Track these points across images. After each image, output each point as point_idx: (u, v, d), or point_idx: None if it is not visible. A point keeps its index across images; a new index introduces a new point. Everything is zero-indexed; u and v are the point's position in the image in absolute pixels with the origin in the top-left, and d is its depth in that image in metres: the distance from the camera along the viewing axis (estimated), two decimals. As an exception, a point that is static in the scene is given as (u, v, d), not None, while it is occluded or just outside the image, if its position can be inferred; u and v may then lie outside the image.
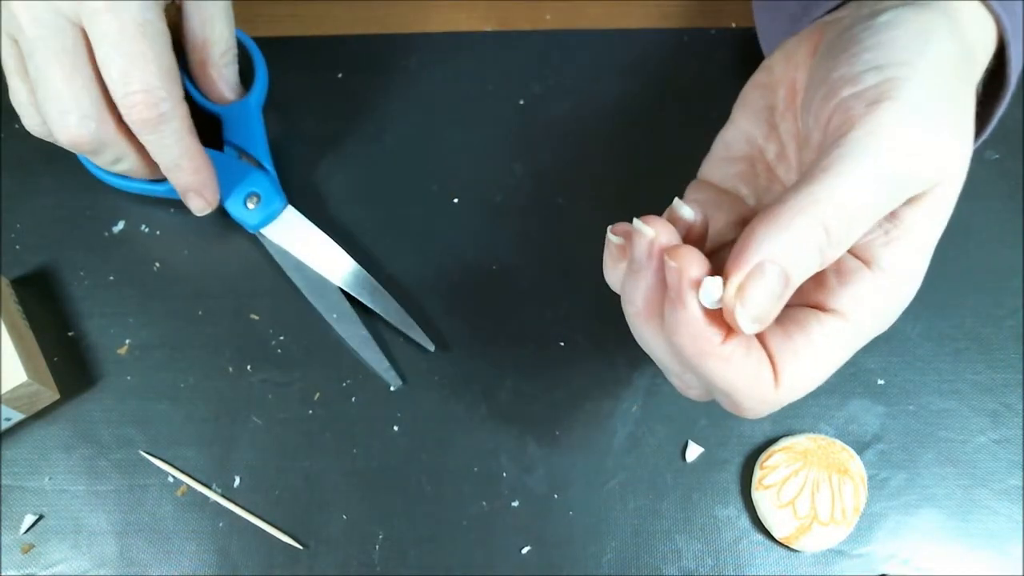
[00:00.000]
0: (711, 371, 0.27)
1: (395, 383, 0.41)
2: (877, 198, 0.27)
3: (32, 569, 0.39)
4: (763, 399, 0.28)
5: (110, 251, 0.44)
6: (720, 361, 0.27)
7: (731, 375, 0.27)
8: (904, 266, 0.29)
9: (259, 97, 0.45)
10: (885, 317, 0.30)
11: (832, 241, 0.26)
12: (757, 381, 0.27)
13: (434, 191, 0.45)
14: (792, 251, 0.26)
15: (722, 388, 0.28)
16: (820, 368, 0.29)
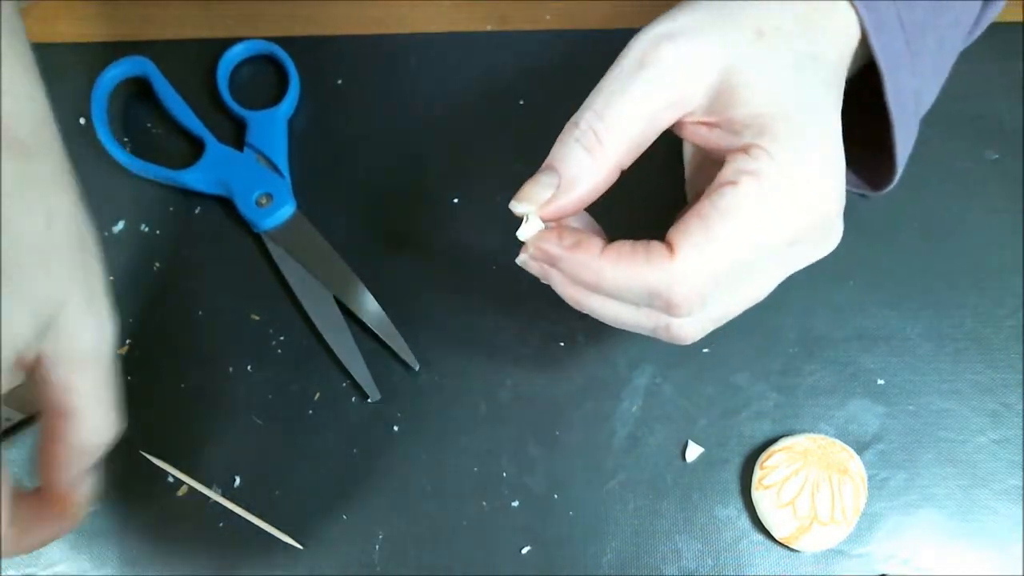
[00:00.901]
0: (613, 284, 0.30)
1: (374, 395, 0.41)
2: (611, 85, 0.30)
3: (32, 569, 0.39)
4: (670, 278, 0.29)
5: (110, 251, 0.44)
6: (611, 269, 0.30)
7: (626, 274, 0.30)
8: (769, 135, 0.29)
9: (288, 108, 0.46)
10: (782, 184, 0.29)
11: (583, 128, 0.31)
12: (650, 265, 0.29)
13: (434, 191, 0.45)
14: (555, 150, 0.31)
15: (631, 297, 0.30)
16: (713, 227, 0.29)
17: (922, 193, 0.45)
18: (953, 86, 0.47)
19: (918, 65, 0.36)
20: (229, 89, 0.46)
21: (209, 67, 0.47)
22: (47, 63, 0.47)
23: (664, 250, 0.29)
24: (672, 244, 0.29)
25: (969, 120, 0.47)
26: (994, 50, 0.48)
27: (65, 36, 0.49)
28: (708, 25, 0.30)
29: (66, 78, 0.47)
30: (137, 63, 0.45)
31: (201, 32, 0.49)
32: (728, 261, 0.29)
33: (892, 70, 0.34)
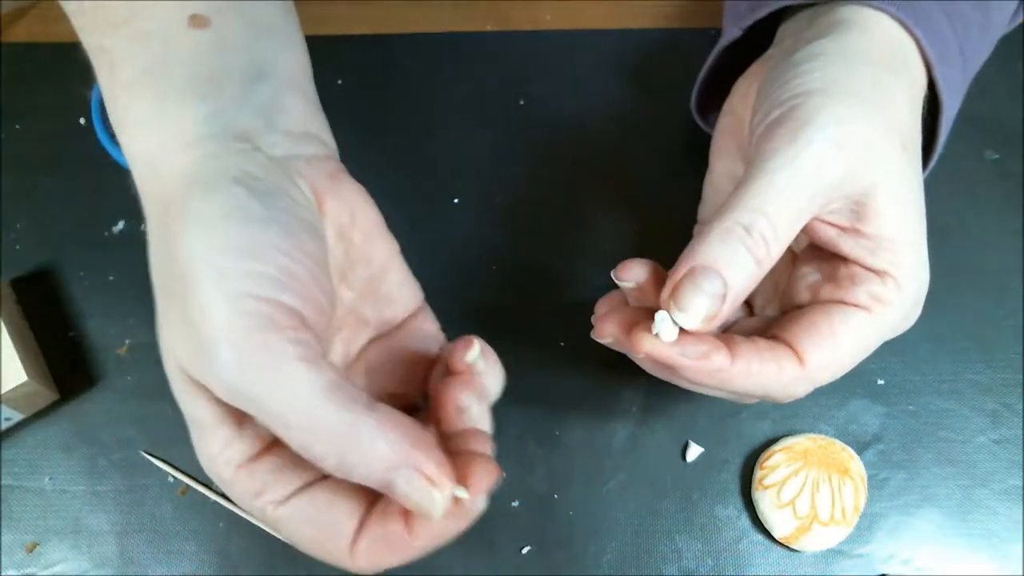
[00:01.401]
0: (741, 387, 0.30)
1: None
2: (790, 194, 0.29)
3: (32, 569, 0.39)
4: (794, 382, 0.30)
5: (110, 251, 0.44)
6: (742, 377, 0.30)
7: (755, 380, 0.30)
8: (901, 266, 0.31)
9: None
10: (900, 309, 0.31)
11: (756, 238, 0.28)
12: (780, 372, 0.30)
13: (434, 191, 0.45)
14: (718, 251, 0.28)
15: (756, 392, 0.31)
16: (842, 346, 0.31)
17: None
18: (953, 86, 0.47)
19: (965, 83, 0.37)
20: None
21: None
22: (47, 63, 0.48)
23: (793, 358, 0.30)
24: (799, 352, 0.30)
25: (969, 120, 0.47)
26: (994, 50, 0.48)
27: (65, 36, 0.48)
28: (874, 132, 0.30)
29: (66, 78, 0.47)
30: (137, 63, 0.45)
31: (201, 32, 0.49)
32: (846, 366, 0.31)
33: (951, 96, 0.35)
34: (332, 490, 0.27)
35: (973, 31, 0.36)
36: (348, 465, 0.24)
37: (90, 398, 0.41)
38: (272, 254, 0.25)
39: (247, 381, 0.23)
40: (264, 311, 0.24)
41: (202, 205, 0.25)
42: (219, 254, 0.24)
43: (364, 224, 0.30)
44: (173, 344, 0.26)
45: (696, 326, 0.28)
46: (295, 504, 0.26)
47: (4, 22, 0.49)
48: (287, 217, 0.26)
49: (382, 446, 0.24)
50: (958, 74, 0.35)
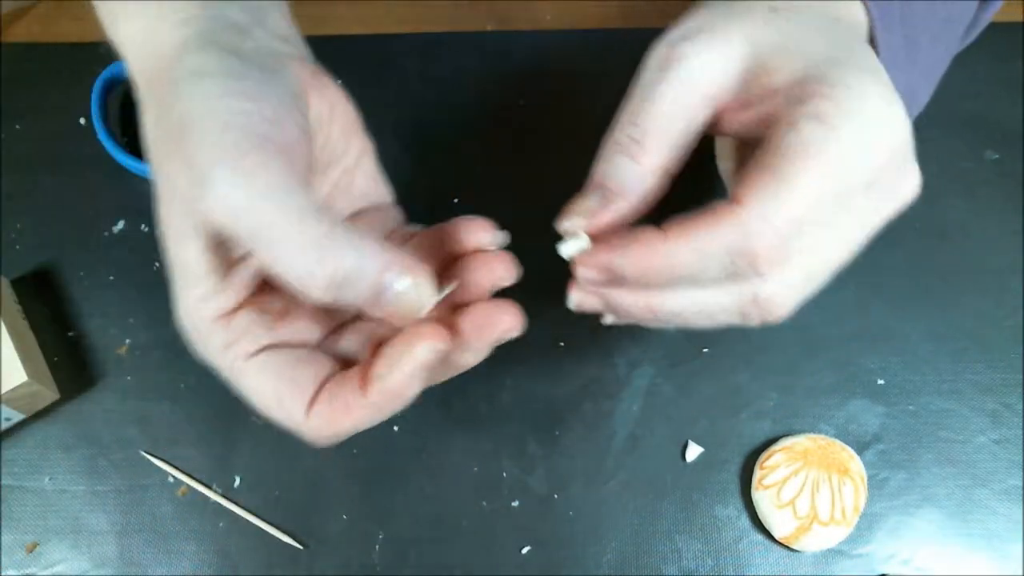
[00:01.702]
0: (687, 265, 0.27)
1: None
2: (649, 91, 0.30)
3: (32, 569, 0.39)
4: (743, 234, 0.27)
5: (110, 251, 0.44)
6: (683, 249, 0.27)
7: (698, 247, 0.27)
8: (834, 85, 0.27)
9: None
10: (855, 129, 0.27)
11: (625, 142, 0.29)
12: (717, 222, 0.27)
13: (434, 191, 0.45)
14: (600, 168, 0.29)
15: (711, 270, 0.27)
16: (786, 169, 0.26)
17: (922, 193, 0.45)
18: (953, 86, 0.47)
19: (912, 62, 0.36)
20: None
21: (209, 67, 0.47)
22: (47, 63, 0.48)
23: (731, 205, 0.27)
24: (739, 197, 0.27)
25: (969, 120, 0.47)
26: (994, 50, 0.48)
27: (65, 36, 0.49)
28: (722, 18, 0.30)
29: (66, 78, 0.47)
30: (137, 63, 0.45)
31: (201, 32, 0.49)
32: (803, 203, 0.27)
33: (889, 66, 0.34)
34: (298, 354, 0.28)
35: (917, 7, 0.35)
36: (340, 279, 0.24)
37: (90, 398, 0.41)
38: (264, 105, 0.26)
39: (243, 198, 0.24)
40: (257, 140, 0.25)
41: (196, 59, 0.26)
42: (215, 96, 0.25)
43: (342, 120, 0.32)
44: (174, 183, 0.26)
45: (577, 226, 0.30)
46: (263, 357, 0.27)
47: (4, 22, 0.49)
48: (277, 88, 0.27)
49: (376, 251, 0.25)
50: (900, 42, 0.34)
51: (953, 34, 0.39)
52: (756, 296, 0.28)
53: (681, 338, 0.42)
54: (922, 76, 0.38)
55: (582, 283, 0.30)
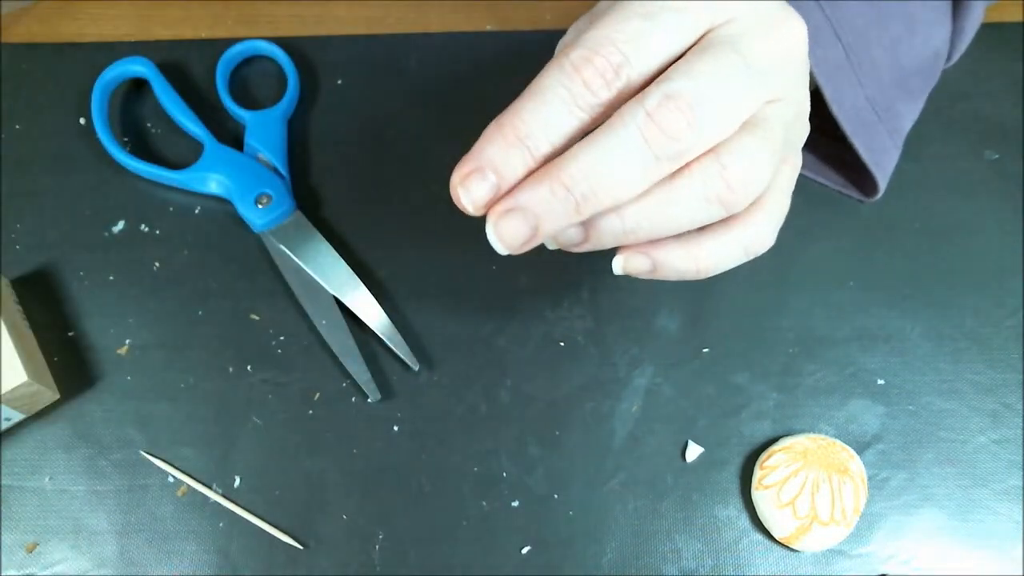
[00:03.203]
0: (543, 91, 0.26)
1: (374, 396, 0.41)
2: None
3: (32, 569, 0.39)
4: (594, 32, 0.26)
5: (110, 251, 0.44)
6: (523, 99, 0.26)
7: (543, 79, 0.26)
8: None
9: (288, 108, 0.46)
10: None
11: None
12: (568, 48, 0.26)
13: (434, 191, 0.45)
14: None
15: (552, 92, 0.26)
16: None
17: (922, 193, 0.45)
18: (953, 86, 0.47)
19: (867, 75, 0.37)
20: (228, 89, 0.46)
21: (209, 67, 0.47)
22: (47, 63, 0.48)
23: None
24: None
25: (969, 120, 0.47)
26: (994, 50, 0.48)
27: (65, 36, 0.49)
28: None
29: (66, 78, 0.47)
30: (137, 63, 0.45)
31: (201, 32, 0.49)
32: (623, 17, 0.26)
33: (830, 79, 0.35)
34: None
35: (856, 22, 0.36)
36: None
37: (90, 398, 0.41)
38: None
39: None
40: None
41: None
42: None
43: None
44: None
45: None
46: None
47: (4, 22, 0.49)
48: None
49: None
50: (839, 56, 0.35)
51: (920, 46, 0.39)
52: (648, 109, 0.25)
53: (681, 338, 0.43)
54: (891, 88, 0.38)
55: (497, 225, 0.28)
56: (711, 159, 0.26)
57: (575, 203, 0.26)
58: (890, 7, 0.37)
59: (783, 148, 0.28)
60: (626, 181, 0.26)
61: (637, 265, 0.30)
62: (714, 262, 0.30)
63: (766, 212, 0.30)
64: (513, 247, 0.28)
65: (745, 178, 0.27)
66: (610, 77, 0.26)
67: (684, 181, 0.27)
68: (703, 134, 0.26)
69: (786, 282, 0.44)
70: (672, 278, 0.30)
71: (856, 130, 0.38)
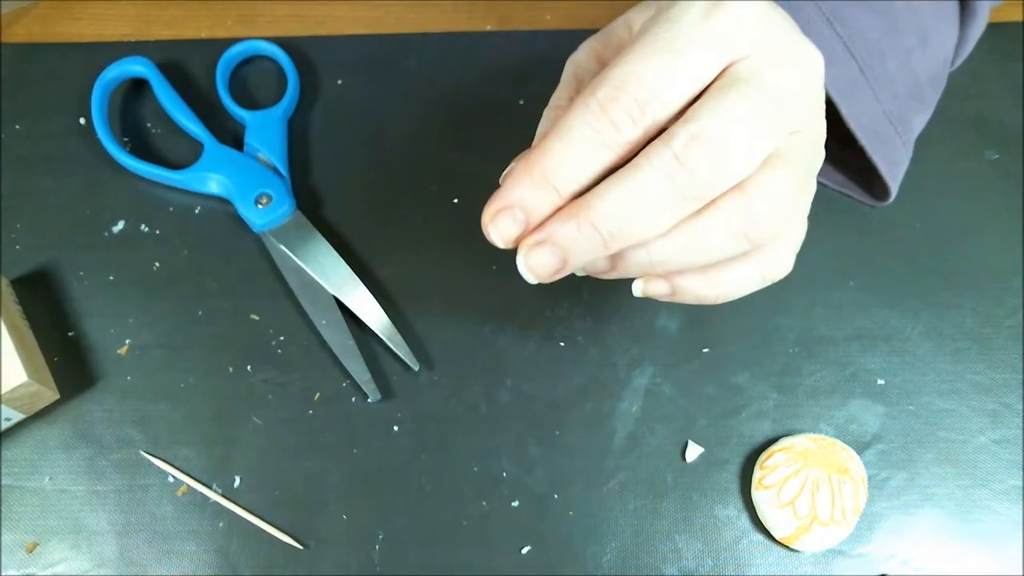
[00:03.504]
0: (565, 142, 0.27)
1: (374, 396, 0.41)
2: None
3: (32, 569, 0.39)
4: (614, 73, 0.26)
5: (110, 251, 0.44)
6: (549, 140, 0.27)
7: (567, 122, 0.27)
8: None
9: (287, 108, 0.46)
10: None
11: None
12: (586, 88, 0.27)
13: (434, 191, 0.45)
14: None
15: (577, 134, 0.27)
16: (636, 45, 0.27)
17: (923, 193, 0.45)
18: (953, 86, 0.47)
19: (884, 90, 0.37)
20: (228, 89, 0.46)
21: (209, 67, 0.47)
22: (47, 63, 0.48)
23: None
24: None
25: (969, 120, 0.47)
26: (994, 50, 0.48)
27: (65, 36, 0.49)
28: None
29: (66, 78, 0.47)
30: (137, 63, 0.45)
31: (201, 32, 0.49)
32: (669, 54, 0.26)
33: (846, 97, 0.35)
34: None
35: (869, 36, 0.36)
36: None
37: (90, 398, 0.41)
38: None
39: None
40: None
41: None
42: None
43: None
44: None
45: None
46: None
47: (4, 22, 0.49)
48: None
49: None
50: (854, 73, 0.35)
51: (932, 55, 0.39)
52: (675, 150, 0.26)
53: (681, 338, 0.42)
54: (907, 99, 0.38)
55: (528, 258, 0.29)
56: (736, 195, 0.27)
57: (602, 240, 0.27)
58: (902, 19, 0.37)
59: (803, 179, 0.29)
60: (653, 220, 0.27)
61: (657, 290, 0.31)
62: (733, 289, 0.31)
63: (785, 240, 0.31)
64: (543, 278, 0.29)
65: (770, 213, 0.28)
66: (637, 116, 0.26)
67: (710, 218, 0.27)
68: (729, 173, 0.26)
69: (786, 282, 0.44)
70: (690, 302, 0.31)
71: (875, 146, 0.37)
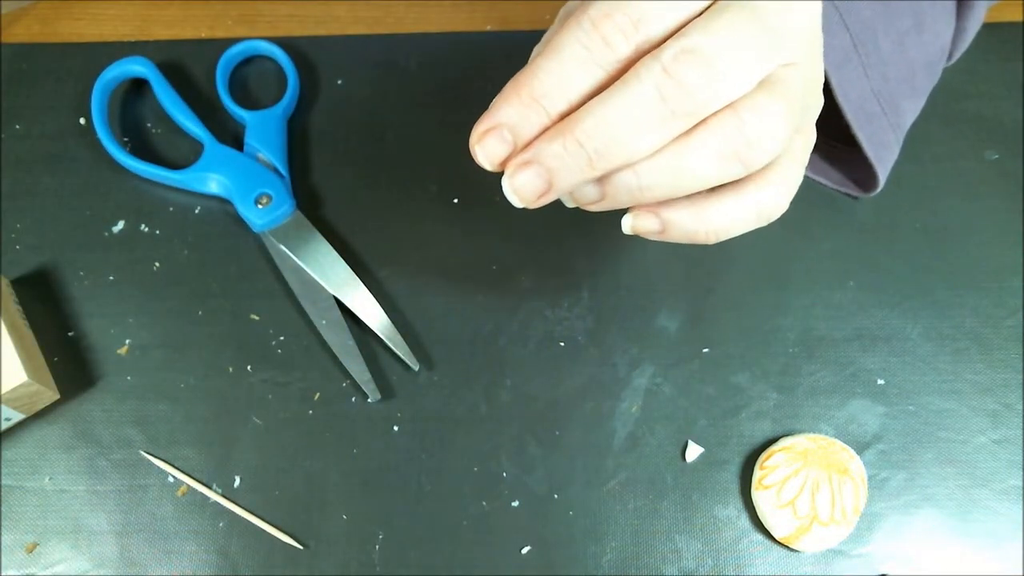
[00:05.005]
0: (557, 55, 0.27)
1: (374, 396, 0.41)
2: None
3: (32, 569, 0.39)
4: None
5: (110, 251, 0.44)
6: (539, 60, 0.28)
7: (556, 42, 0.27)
8: None
9: (287, 108, 0.46)
10: None
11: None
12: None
13: (434, 191, 0.45)
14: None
15: (566, 51, 0.27)
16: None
17: (922, 193, 0.45)
18: (953, 86, 0.47)
19: (874, 68, 0.37)
20: (228, 89, 0.46)
21: (209, 67, 0.47)
22: (47, 63, 0.48)
23: None
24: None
25: (969, 120, 0.47)
26: (994, 50, 0.48)
27: (65, 36, 0.49)
28: None
29: (66, 78, 0.47)
30: (137, 63, 0.45)
31: (201, 32, 0.49)
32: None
33: (837, 68, 0.35)
34: None
35: (864, 13, 0.36)
36: None
37: (90, 398, 0.41)
38: None
39: None
40: None
41: None
42: None
43: None
44: None
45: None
46: None
47: (4, 22, 0.49)
48: None
49: None
50: (847, 45, 0.35)
51: (928, 42, 0.39)
52: (664, 63, 0.25)
53: (681, 338, 0.43)
54: (897, 83, 0.38)
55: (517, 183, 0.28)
56: (729, 114, 0.26)
57: (588, 158, 0.26)
58: (898, 2, 0.37)
59: (800, 112, 0.28)
60: (641, 137, 0.26)
61: (646, 224, 0.30)
62: (725, 224, 0.29)
63: (781, 175, 0.29)
64: (528, 200, 0.28)
65: (763, 134, 0.26)
66: (629, 32, 0.26)
67: (702, 136, 0.26)
68: (720, 89, 0.26)
69: (786, 282, 0.44)
70: (681, 240, 0.30)
71: (860, 122, 0.38)
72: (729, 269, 0.44)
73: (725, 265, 0.44)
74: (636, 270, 0.43)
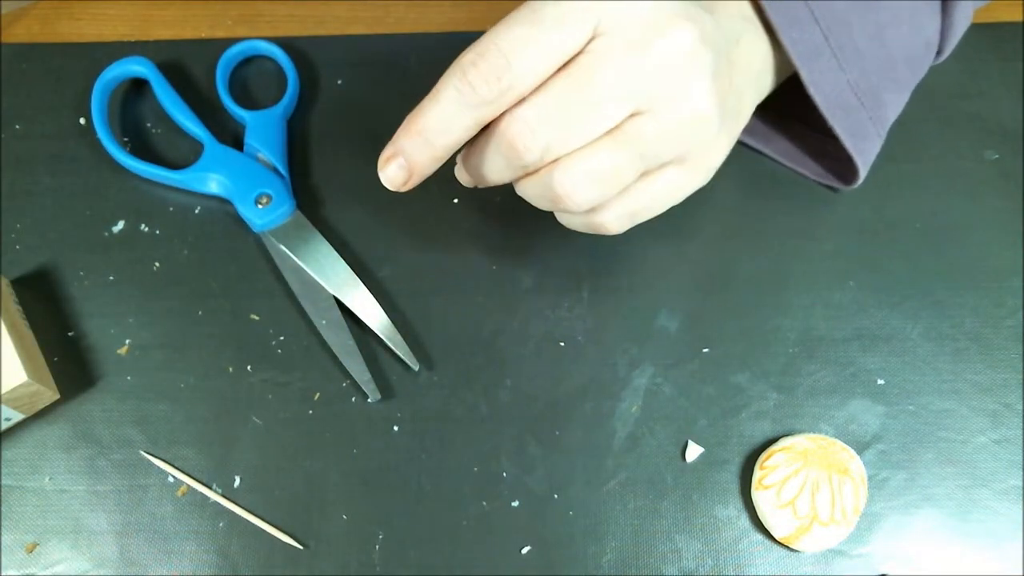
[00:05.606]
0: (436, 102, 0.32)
1: (374, 396, 0.41)
2: None
3: (32, 569, 0.39)
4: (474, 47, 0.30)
5: (110, 251, 0.44)
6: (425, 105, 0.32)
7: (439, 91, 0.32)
8: None
9: (287, 108, 0.46)
10: None
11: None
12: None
13: (434, 191, 0.45)
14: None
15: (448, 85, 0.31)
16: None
17: (922, 193, 0.45)
18: (953, 86, 0.47)
19: (850, 60, 0.37)
20: (228, 89, 0.46)
21: (209, 67, 0.47)
22: (47, 63, 0.48)
23: None
24: None
25: (969, 120, 0.47)
26: (994, 50, 0.48)
27: (65, 36, 0.49)
28: None
29: (66, 78, 0.47)
30: (137, 63, 0.45)
31: (201, 32, 0.49)
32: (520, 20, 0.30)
33: (806, 61, 0.36)
34: None
35: (836, 5, 0.37)
36: None
37: (90, 398, 0.41)
38: None
39: None
40: None
41: None
42: None
43: None
44: None
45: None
46: None
47: (4, 22, 0.49)
48: None
49: None
50: (817, 39, 0.37)
51: (910, 34, 0.39)
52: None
53: (681, 338, 0.43)
54: (874, 74, 0.39)
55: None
56: (547, 168, 0.31)
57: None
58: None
59: (653, 156, 0.31)
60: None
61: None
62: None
63: (607, 209, 0.33)
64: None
65: (574, 191, 0.31)
66: (492, 80, 0.30)
67: (525, 181, 0.33)
68: (544, 154, 0.31)
69: (786, 282, 0.44)
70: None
71: (836, 114, 0.38)
72: (729, 269, 0.44)
73: (725, 265, 0.44)
74: (636, 270, 0.43)
